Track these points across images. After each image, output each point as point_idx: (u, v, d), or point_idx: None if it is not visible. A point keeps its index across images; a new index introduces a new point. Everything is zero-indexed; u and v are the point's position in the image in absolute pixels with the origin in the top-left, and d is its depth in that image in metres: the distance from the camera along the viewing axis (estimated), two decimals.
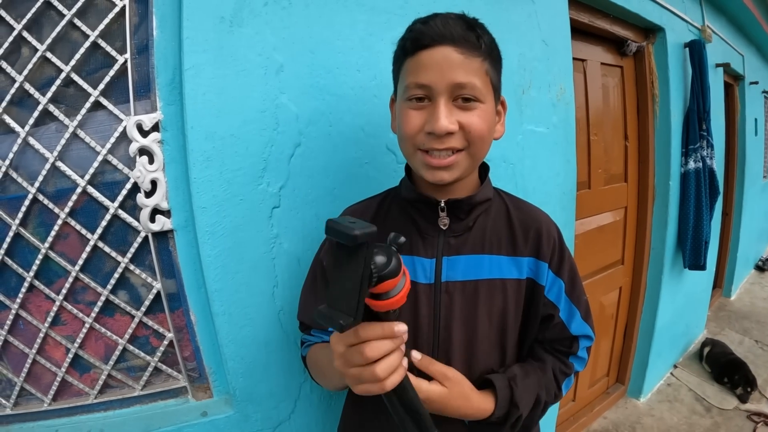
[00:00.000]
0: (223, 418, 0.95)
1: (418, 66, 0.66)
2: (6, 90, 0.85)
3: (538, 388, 0.74)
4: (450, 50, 0.64)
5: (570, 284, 0.78)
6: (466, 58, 0.64)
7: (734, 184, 3.86)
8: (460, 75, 0.64)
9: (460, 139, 0.67)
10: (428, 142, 0.67)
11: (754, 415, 2.38)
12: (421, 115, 0.67)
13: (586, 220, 2.08)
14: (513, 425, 0.71)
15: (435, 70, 0.64)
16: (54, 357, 0.94)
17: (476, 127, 0.67)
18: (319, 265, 0.84)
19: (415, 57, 0.66)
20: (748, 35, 3.67)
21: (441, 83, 0.64)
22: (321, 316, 0.47)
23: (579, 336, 0.79)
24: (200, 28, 0.85)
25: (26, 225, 0.89)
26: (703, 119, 2.38)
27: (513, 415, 0.70)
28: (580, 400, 2.34)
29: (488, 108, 0.69)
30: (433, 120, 0.65)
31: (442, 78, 0.64)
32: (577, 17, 1.76)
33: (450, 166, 0.68)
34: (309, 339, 0.86)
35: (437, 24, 0.65)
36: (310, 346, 0.85)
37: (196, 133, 0.86)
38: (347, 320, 0.45)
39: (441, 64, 0.64)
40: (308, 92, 0.97)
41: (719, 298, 4.04)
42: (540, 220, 0.79)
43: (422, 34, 0.66)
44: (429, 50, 0.65)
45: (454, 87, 0.65)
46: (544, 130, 1.49)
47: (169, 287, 0.96)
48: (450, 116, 0.65)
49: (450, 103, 0.66)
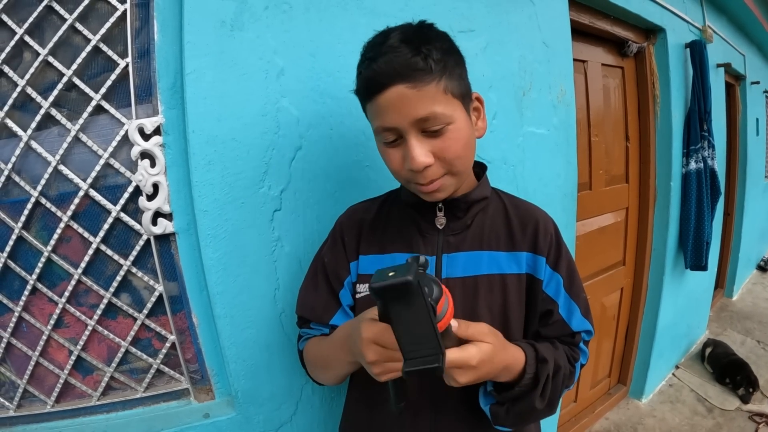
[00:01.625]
0: (225, 420, 0.96)
1: (378, 110, 0.66)
2: (8, 94, 0.85)
3: (554, 355, 0.72)
4: (401, 88, 0.63)
5: (568, 279, 0.78)
6: (419, 91, 0.63)
7: (736, 184, 3.84)
8: (420, 110, 0.63)
9: (438, 168, 0.68)
10: (412, 178, 0.69)
11: (756, 415, 2.37)
12: (398, 151, 0.69)
13: (587, 221, 2.07)
14: (543, 388, 0.68)
15: (394, 112, 0.64)
16: (57, 359, 0.95)
17: (451, 150, 0.67)
18: (321, 262, 0.85)
19: (373, 102, 0.67)
20: (749, 35, 3.66)
21: (404, 122, 0.64)
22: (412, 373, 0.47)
23: (580, 331, 0.79)
24: (201, 32, 0.85)
25: (29, 228, 0.89)
26: (704, 119, 2.37)
27: (543, 371, 0.68)
28: (582, 401, 2.34)
29: (459, 123, 0.68)
30: (409, 159, 0.66)
31: (404, 118, 0.64)
32: (578, 18, 1.76)
33: (439, 189, 0.70)
34: (308, 332, 0.86)
35: (383, 60, 0.63)
36: (308, 339, 0.86)
37: (197, 137, 0.86)
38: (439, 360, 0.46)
39: (397, 105, 0.64)
40: (309, 96, 0.97)
41: (721, 299, 4.03)
42: (537, 216, 0.80)
43: (371, 81, 0.65)
44: (383, 94, 0.64)
45: (418, 122, 0.64)
46: (544, 132, 1.49)
47: (171, 290, 0.96)
48: (422, 150, 0.65)
49: (420, 137, 0.66)
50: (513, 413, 0.69)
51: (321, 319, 0.83)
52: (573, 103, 1.61)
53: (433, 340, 0.46)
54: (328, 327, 0.82)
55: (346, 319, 0.81)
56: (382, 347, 0.57)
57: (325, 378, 0.84)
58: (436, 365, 0.46)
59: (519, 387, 0.67)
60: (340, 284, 0.83)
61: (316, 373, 0.85)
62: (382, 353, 0.57)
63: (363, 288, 0.81)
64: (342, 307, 0.83)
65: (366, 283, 0.80)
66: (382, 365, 0.58)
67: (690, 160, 2.36)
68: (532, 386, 0.68)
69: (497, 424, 0.72)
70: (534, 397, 0.68)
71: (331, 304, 0.83)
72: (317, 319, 0.83)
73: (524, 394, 0.68)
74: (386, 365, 0.58)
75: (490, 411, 0.71)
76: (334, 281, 0.83)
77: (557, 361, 0.72)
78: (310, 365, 0.85)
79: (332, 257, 0.84)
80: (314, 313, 0.83)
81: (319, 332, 0.84)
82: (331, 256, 0.84)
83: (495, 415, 0.71)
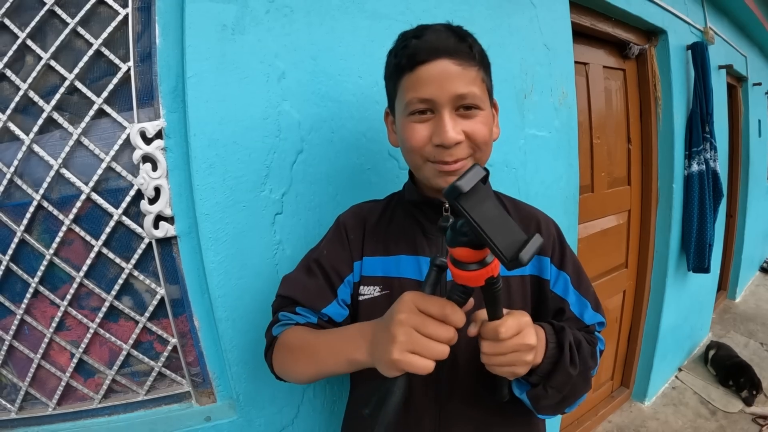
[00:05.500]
0: (226, 423, 0.96)
1: (418, 81, 0.67)
2: (10, 98, 0.86)
3: (570, 329, 0.71)
4: (447, 63, 0.65)
5: (576, 277, 0.79)
6: (463, 69, 0.66)
7: (738, 186, 3.83)
8: (461, 86, 0.66)
9: (466, 148, 0.69)
10: (437, 154, 0.69)
11: (759, 418, 2.36)
12: (426, 127, 0.69)
13: (589, 224, 2.07)
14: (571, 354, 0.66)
15: (435, 84, 0.66)
16: (59, 362, 0.95)
17: (480, 133, 0.69)
18: (318, 254, 0.81)
19: (414, 72, 0.67)
20: (751, 36, 3.66)
21: (443, 96, 0.66)
22: (517, 259, 0.44)
23: (593, 323, 0.79)
24: (203, 35, 0.86)
25: (31, 231, 0.89)
26: (706, 121, 2.37)
27: (564, 338, 0.67)
28: (584, 404, 2.32)
29: (487, 113, 0.71)
30: (441, 132, 0.67)
31: (444, 91, 0.66)
32: (579, 20, 1.75)
33: (458, 171, 0.69)
34: (290, 317, 0.78)
35: (431, 37, 0.66)
36: (288, 325, 0.77)
37: (199, 141, 0.87)
38: (531, 235, 0.45)
39: (441, 78, 0.66)
40: (310, 99, 0.97)
41: (724, 301, 4.01)
42: (537, 218, 0.82)
43: (418, 49, 0.67)
44: (427, 65, 0.66)
45: (456, 98, 0.66)
46: (546, 135, 1.49)
47: (173, 293, 0.96)
48: (456, 127, 0.67)
49: (453, 114, 0.68)
50: (552, 390, 0.66)
51: (312, 304, 0.77)
52: (574, 105, 1.61)
53: (515, 225, 0.46)
54: (317, 315, 0.76)
55: (341, 313, 0.77)
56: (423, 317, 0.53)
57: (296, 372, 0.75)
58: (534, 234, 0.45)
59: (546, 358, 0.65)
60: (339, 279, 0.78)
61: (288, 364, 0.76)
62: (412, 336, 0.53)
63: (367, 290, 0.78)
64: (338, 300, 0.78)
65: (370, 285, 0.78)
66: (404, 352, 0.53)
67: (692, 162, 2.36)
68: (558, 354, 0.66)
69: (540, 410, 0.69)
70: (565, 364, 0.65)
71: (327, 293, 0.77)
72: (308, 303, 0.77)
73: (554, 364, 0.66)
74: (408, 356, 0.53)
75: (529, 397, 0.68)
76: (333, 275, 0.78)
77: (575, 334, 0.71)
78: (283, 353, 0.76)
79: (334, 252, 0.80)
80: (307, 295, 0.77)
81: (304, 319, 0.77)
82: (333, 252, 0.81)
83: (535, 399, 0.68)
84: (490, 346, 0.58)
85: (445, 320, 0.53)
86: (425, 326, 0.53)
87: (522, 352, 0.58)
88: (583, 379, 0.70)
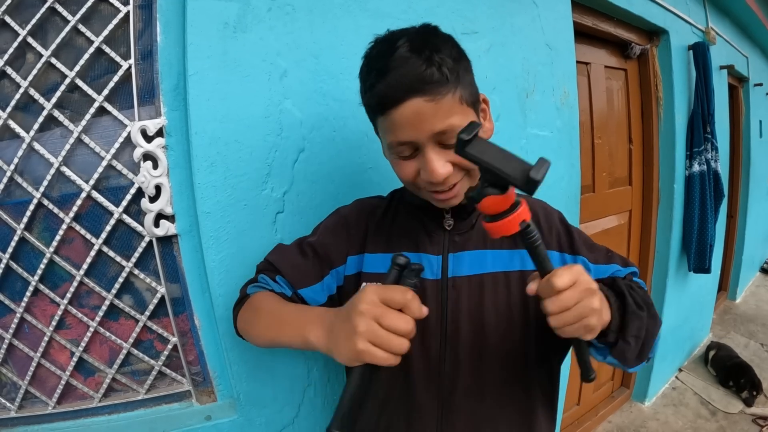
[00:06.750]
0: (227, 422, 0.95)
1: (393, 125, 0.64)
2: (11, 95, 0.85)
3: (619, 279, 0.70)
4: (419, 101, 0.60)
5: (592, 255, 0.78)
6: (436, 104, 0.61)
7: (739, 186, 3.83)
8: (437, 124, 0.61)
9: (457, 174, 0.67)
10: (430, 186, 0.67)
11: (759, 418, 2.36)
12: (413, 163, 0.67)
13: (590, 224, 2.07)
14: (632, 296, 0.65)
15: (410, 127, 0.62)
16: (59, 360, 0.94)
17: None
18: (316, 238, 0.82)
19: (387, 116, 0.64)
20: (753, 37, 3.65)
21: (422, 136, 0.63)
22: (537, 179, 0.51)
23: (628, 273, 0.79)
24: (204, 33, 0.85)
25: (31, 229, 0.89)
26: (707, 122, 2.37)
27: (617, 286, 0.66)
28: (585, 404, 2.33)
29: None
30: (428, 171, 0.64)
31: (421, 131, 0.62)
32: (581, 20, 1.75)
33: (456, 194, 0.69)
34: (267, 282, 0.78)
35: (395, 75, 0.60)
36: (263, 289, 0.78)
37: (200, 139, 0.86)
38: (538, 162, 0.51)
39: (415, 121, 0.61)
40: (312, 97, 0.97)
41: (724, 301, 4.01)
42: (539, 209, 0.81)
43: (386, 93, 0.62)
44: (398, 108, 0.61)
45: (436, 135, 0.63)
46: (548, 134, 1.48)
47: (174, 292, 0.96)
48: (441, 161, 0.64)
49: (437, 148, 0.64)
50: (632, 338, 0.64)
51: (294, 280, 0.78)
52: (576, 105, 1.61)
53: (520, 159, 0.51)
54: (293, 291, 0.77)
55: (317, 297, 0.78)
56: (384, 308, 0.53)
57: (255, 332, 0.75)
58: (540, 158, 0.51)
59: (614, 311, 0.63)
60: (328, 268, 0.79)
61: (250, 323, 0.76)
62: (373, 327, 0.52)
63: None
64: (322, 284, 0.78)
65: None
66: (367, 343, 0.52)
67: (693, 163, 2.36)
68: (622, 303, 0.65)
69: (628, 363, 0.67)
70: (632, 309, 0.64)
71: (310, 277, 0.78)
72: (290, 278, 0.78)
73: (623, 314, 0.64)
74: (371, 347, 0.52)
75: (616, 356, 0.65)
76: (323, 263, 0.79)
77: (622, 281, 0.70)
78: (250, 312, 0.77)
79: (330, 242, 0.80)
80: (292, 271, 0.78)
81: (280, 289, 0.78)
82: (329, 241, 0.80)
83: (621, 354, 0.65)
84: (552, 304, 0.54)
85: (406, 307, 0.53)
86: (385, 318, 0.52)
87: (587, 300, 0.55)
88: (651, 316, 0.68)
